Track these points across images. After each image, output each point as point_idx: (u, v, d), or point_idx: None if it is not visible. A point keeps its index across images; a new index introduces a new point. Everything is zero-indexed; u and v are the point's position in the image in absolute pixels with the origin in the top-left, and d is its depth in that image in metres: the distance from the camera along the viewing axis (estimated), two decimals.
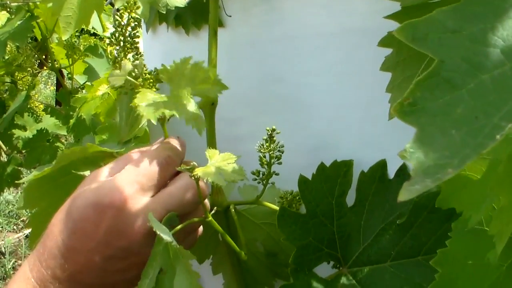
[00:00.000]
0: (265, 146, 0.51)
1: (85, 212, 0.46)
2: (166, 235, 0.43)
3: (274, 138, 0.51)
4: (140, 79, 0.53)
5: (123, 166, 0.50)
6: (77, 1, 0.55)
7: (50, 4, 0.54)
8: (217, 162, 0.49)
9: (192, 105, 0.49)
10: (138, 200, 0.47)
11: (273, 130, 0.51)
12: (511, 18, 0.20)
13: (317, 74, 0.55)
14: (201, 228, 0.55)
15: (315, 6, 0.54)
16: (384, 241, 0.49)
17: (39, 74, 1.51)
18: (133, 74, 0.53)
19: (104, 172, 0.50)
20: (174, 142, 0.54)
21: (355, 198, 0.51)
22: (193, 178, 0.47)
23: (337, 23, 0.53)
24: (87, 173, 0.57)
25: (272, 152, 0.51)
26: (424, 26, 0.21)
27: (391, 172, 0.51)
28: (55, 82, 2.96)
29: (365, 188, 0.51)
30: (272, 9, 0.56)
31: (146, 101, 0.48)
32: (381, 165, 0.51)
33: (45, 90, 4.35)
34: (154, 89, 0.54)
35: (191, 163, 0.48)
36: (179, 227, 0.49)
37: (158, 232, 0.44)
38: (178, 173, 0.52)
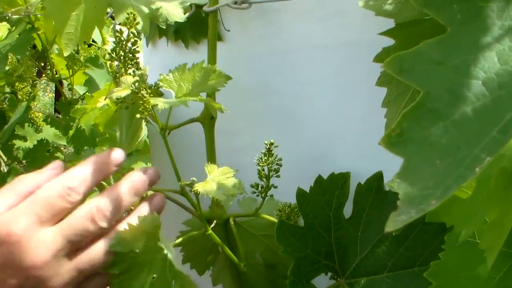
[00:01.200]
0: (263, 159, 0.52)
1: None
2: (171, 254, 0.44)
3: (272, 152, 0.52)
4: (143, 92, 0.53)
5: (21, 196, 0.47)
6: (78, 18, 0.56)
7: (53, 22, 0.56)
8: (216, 177, 0.50)
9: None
10: (35, 232, 0.45)
11: (271, 144, 0.52)
12: (492, 50, 0.21)
13: (313, 86, 0.56)
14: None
15: (311, 20, 0.55)
16: (380, 252, 0.50)
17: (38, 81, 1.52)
18: (135, 86, 0.54)
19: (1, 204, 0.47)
20: (85, 167, 0.50)
21: (352, 210, 0.52)
22: (193, 192, 0.48)
23: (333, 36, 0.54)
24: None
25: (270, 165, 0.52)
26: (411, 59, 0.22)
27: None
28: (54, 89, 2.97)
29: (362, 200, 0.52)
30: (269, 23, 0.57)
31: (161, 101, 0.50)
32: (378, 177, 0.52)
33: (43, 97, 4.35)
34: None
35: (191, 179, 0.49)
36: None
37: (164, 249, 0.44)
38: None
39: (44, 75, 1.44)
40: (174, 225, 0.63)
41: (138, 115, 0.55)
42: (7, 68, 1.24)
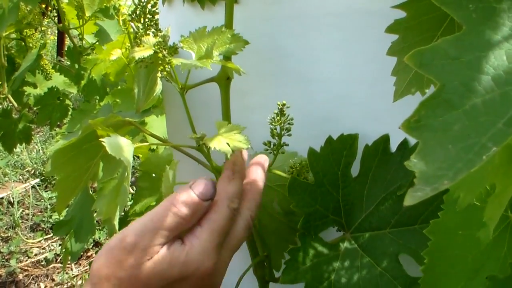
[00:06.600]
0: (276, 119, 0.55)
1: None
2: None
3: (285, 112, 0.55)
4: (164, 52, 0.55)
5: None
6: None
7: None
8: (225, 132, 0.53)
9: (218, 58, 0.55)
10: None
11: (284, 104, 0.54)
12: (502, 49, 0.24)
13: (325, 51, 0.58)
14: None
15: None
16: (384, 210, 0.54)
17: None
18: (157, 47, 0.56)
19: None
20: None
21: (359, 170, 0.56)
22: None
23: (346, 4, 0.55)
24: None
25: (282, 124, 0.55)
26: (430, 54, 0.25)
27: (393, 146, 0.55)
28: (56, 32, 2.95)
29: (368, 160, 0.55)
30: None
31: (182, 61, 0.53)
32: (384, 139, 0.55)
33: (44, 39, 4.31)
34: None
35: (201, 133, 0.53)
36: None
37: None
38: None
39: (46, 16, 1.44)
40: (191, 178, 0.67)
41: (158, 75, 0.57)
42: None
